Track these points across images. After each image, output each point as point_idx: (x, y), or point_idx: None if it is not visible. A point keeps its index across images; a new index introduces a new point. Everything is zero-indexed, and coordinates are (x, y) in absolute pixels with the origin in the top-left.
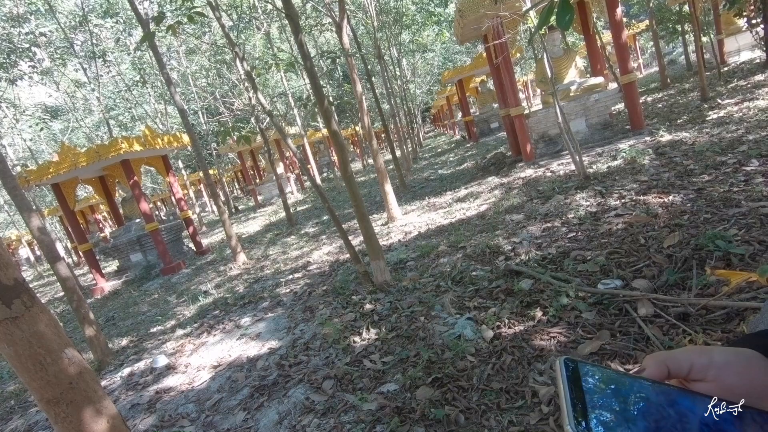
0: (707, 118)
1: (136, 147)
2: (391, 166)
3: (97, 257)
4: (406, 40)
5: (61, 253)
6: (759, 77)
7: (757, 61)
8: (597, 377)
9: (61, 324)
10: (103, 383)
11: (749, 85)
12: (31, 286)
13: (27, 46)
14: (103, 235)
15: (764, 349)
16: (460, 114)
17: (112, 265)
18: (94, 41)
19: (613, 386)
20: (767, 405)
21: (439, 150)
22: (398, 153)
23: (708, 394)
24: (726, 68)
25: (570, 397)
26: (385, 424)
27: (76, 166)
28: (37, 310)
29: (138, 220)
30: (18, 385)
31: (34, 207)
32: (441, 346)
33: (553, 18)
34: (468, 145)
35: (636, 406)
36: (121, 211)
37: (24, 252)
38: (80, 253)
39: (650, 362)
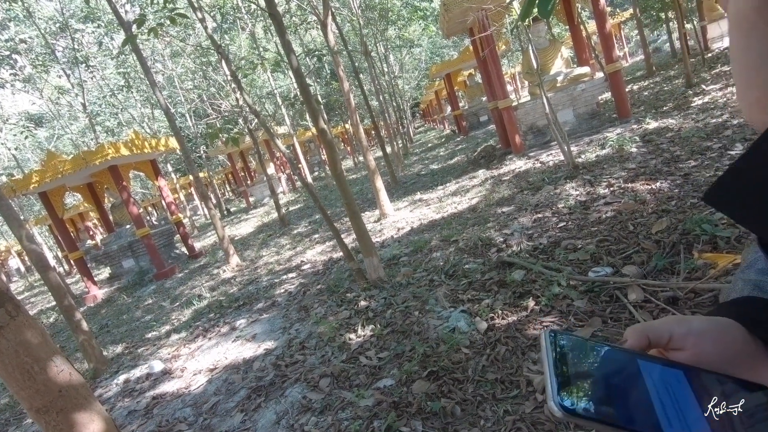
0: (692, 105)
1: (124, 152)
2: (382, 163)
3: (89, 265)
4: (393, 35)
5: (52, 262)
6: None
7: None
8: (581, 349)
9: (55, 333)
10: (99, 391)
11: None
12: (22, 296)
13: (7, 53)
14: (93, 242)
15: (739, 316)
16: (449, 108)
17: (104, 273)
18: (76, 47)
19: (596, 358)
20: (744, 372)
21: (430, 145)
22: (389, 149)
23: (686, 362)
24: (710, 54)
25: (554, 371)
26: (383, 419)
27: (63, 173)
28: (22, 319)
29: (129, 226)
30: (12, 398)
31: (22, 217)
32: (436, 339)
33: (535, 9)
34: (458, 139)
35: (619, 378)
36: (111, 217)
37: (14, 262)
38: (71, 262)
39: (631, 333)
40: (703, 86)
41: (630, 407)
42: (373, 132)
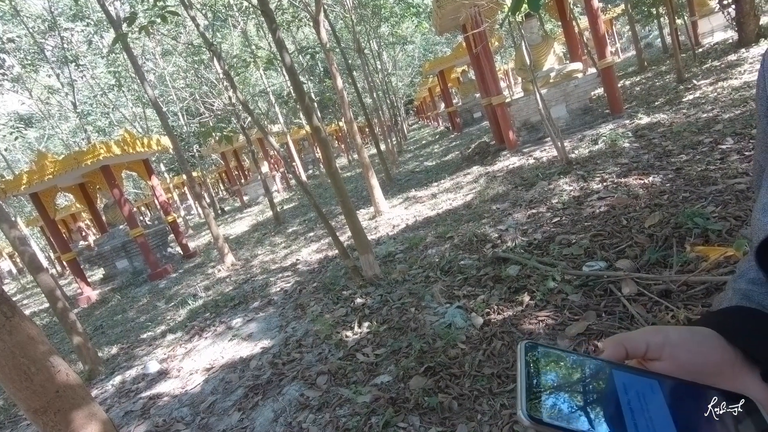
0: (683, 100)
1: (116, 152)
2: (376, 160)
3: (82, 266)
4: (386, 32)
5: (44, 263)
6: (732, 57)
7: (730, 41)
8: (556, 360)
9: (49, 335)
10: (95, 392)
11: (723, 65)
12: (14, 299)
13: None
14: (86, 243)
15: (720, 326)
16: (442, 105)
17: (97, 274)
18: (66, 45)
19: (571, 369)
20: (723, 382)
21: (424, 142)
22: (383, 147)
23: (664, 372)
24: (700, 49)
25: (526, 381)
26: (380, 416)
27: (54, 174)
28: (18, 320)
29: (122, 227)
30: (6, 401)
31: (13, 218)
32: (432, 335)
33: (524, 6)
34: (452, 135)
35: (593, 388)
36: (104, 218)
37: (6, 265)
38: (64, 263)
39: (609, 344)
40: (694, 81)
41: (598, 415)
42: (367, 129)
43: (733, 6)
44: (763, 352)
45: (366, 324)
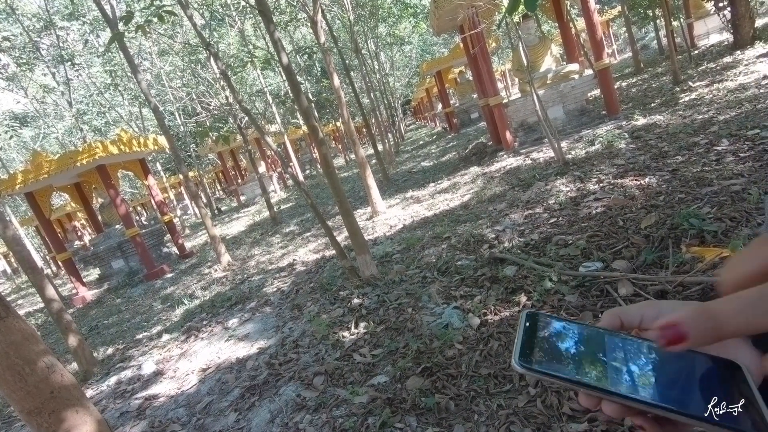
0: (679, 101)
1: (112, 151)
2: (373, 161)
3: (77, 266)
4: (384, 33)
5: (39, 263)
6: (727, 59)
7: (726, 43)
8: (553, 324)
9: (43, 336)
10: (90, 393)
11: (718, 67)
12: (8, 299)
13: None
14: (82, 243)
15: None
16: (440, 106)
17: (93, 274)
18: (61, 44)
19: (566, 332)
20: (713, 350)
21: (421, 142)
22: (380, 147)
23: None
24: (696, 51)
25: (523, 339)
26: (377, 416)
27: (49, 173)
28: (12, 320)
29: (118, 227)
30: (1, 402)
31: (8, 218)
32: (429, 336)
33: (521, 6)
34: (449, 136)
35: (583, 347)
36: (99, 217)
37: (0, 264)
38: (59, 263)
39: (606, 316)
40: (690, 83)
41: (584, 367)
42: (364, 130)
43: (729, 8)
44: None
45: (363, 324)
